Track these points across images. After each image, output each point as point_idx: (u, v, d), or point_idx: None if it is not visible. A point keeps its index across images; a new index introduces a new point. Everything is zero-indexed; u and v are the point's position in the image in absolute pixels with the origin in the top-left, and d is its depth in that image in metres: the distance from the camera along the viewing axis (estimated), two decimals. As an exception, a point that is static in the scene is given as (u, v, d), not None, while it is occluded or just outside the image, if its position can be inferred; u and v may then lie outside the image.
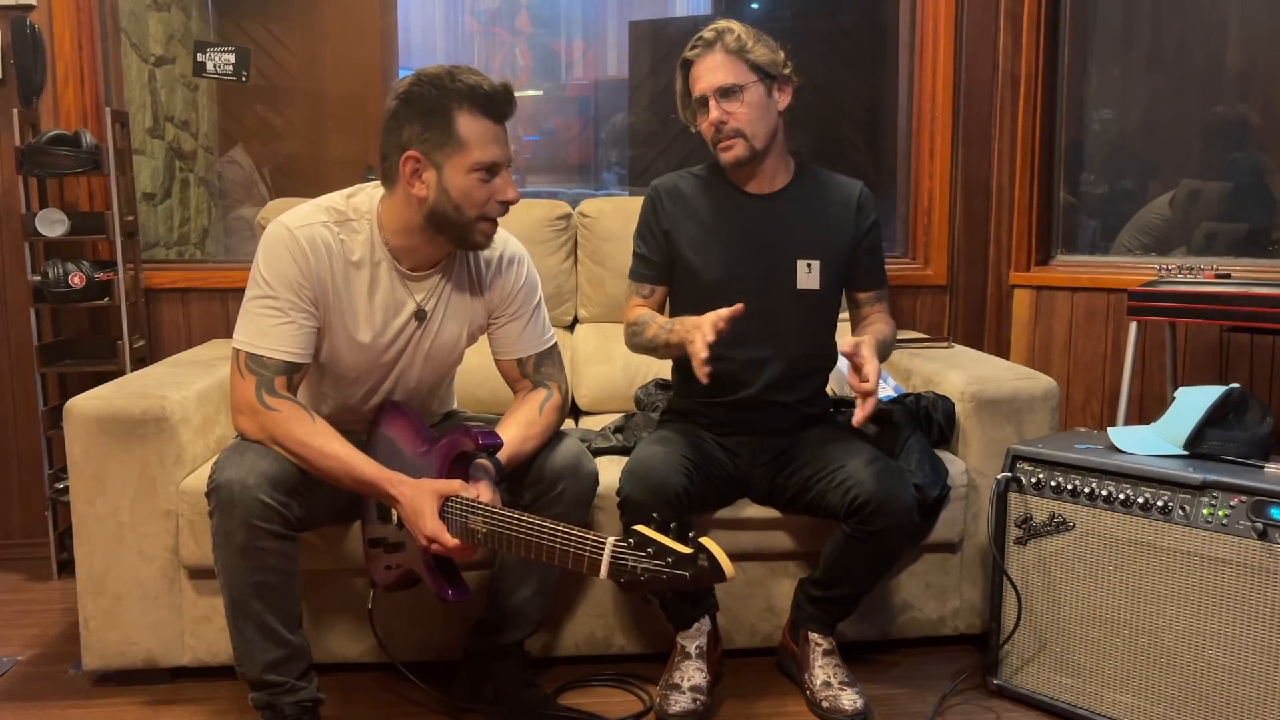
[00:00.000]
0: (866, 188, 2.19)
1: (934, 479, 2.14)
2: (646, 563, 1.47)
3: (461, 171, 1.73)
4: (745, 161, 2.05)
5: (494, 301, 1.97)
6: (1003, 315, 3.20)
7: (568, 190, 3.98)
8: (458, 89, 1.71)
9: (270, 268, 1.78)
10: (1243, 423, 1.97)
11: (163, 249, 3.40)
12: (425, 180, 1.74)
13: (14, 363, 2.94)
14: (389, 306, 1.86)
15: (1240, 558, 1.78)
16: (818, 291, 2.11)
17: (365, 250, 1.83)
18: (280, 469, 1.73)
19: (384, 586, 1.93)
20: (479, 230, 1.80)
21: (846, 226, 2.13)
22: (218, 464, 1.76)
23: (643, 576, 1.47)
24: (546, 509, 1.87)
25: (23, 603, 2.64)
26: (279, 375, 1.77)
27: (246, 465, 1.71)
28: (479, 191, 1.75)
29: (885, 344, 2.08)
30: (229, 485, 1.70)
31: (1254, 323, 2.28)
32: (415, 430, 1.88)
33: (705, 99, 2.04)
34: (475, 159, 1.73)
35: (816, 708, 2.01)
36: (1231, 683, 1.80)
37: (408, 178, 1.75)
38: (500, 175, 1.77)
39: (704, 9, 4.45)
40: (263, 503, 1.69)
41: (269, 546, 1.72)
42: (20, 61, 2.80)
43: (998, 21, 3.11)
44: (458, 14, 4.46)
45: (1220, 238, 2.82)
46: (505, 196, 1.78)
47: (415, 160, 1.73)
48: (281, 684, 1.78)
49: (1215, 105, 2.87)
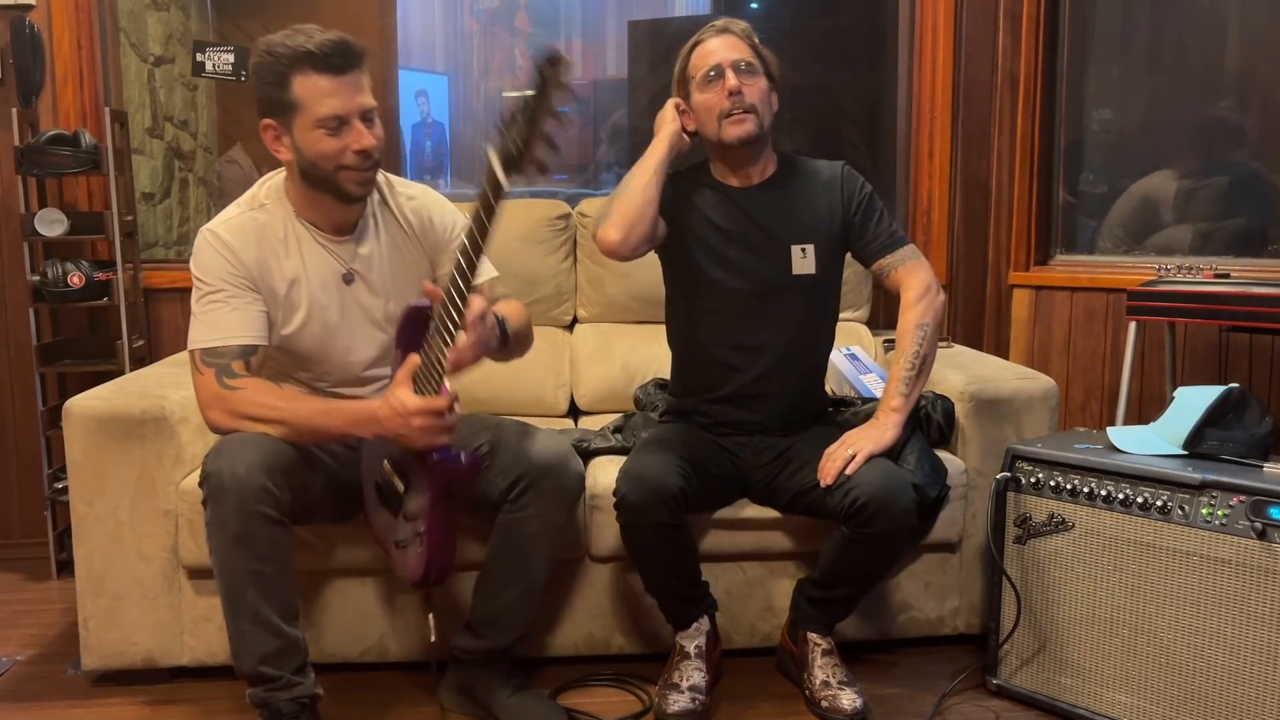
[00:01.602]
0: (848, 164, 2.17)
1: (933, 479, 2.14)
2: (519, 128, 1.53)
3: (306, 130, 1.78)
4: (752, 140, 2.04)
5: (433, 244, 2.00)
6: (1002, 315, 3.20)
7: (567, 190, 3.98)
8: (289, 53, 1.76)
9: (201, 267, 1.87)
10: (1242, 422, 1.97)
11: (162, 249, 3.40)
12: (284, 144, 1.82)
13: (13, 363, 2.94)
14: (320, 274, 1.92)
15: (1239, 557, 1.78)
16: (814, 275, 2.11)
17: (284, 226, 1.91)
18: (267, 453, 1.75)
19: (422, 580, 1.87)
20: (344, 179, 1.82)
21: (835, 205, 2.13)
22: (207, 457, 1.77)
23: (530, 142, 1.53)
24: (530, 505, 1.88)
25: (22, 603, 2.64)
26: (235, 359, 1.83)
27: (234, 453, 1.74)
28: (328, 144, 1.78)
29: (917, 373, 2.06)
30: (219, 473, 1.72)
31: (1253, 322, 2.28)
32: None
33: (720, 70, 2.02)
34: (315, 115, 1.77)
35: (816, 707, 2.01)
36: (1231, 682, 1.80)
37: (271, 144, 1.83)
38: (349, 126, 1.79)
39: (703, 9, 4.45)
40: (254, 486, 1.71)
41: (262, 534, 1.73)
42: (19, 61, 2.80)
43: (997, 21, 3.11)
44: (457, 14, 4.46)
45: (1218, 237, 2.82)
46: (359, 145, 1.79)
47: (272, 128, 1.82)
48: (277, 679, 1.77)
49: (1214, 105, 2.87)
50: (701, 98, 2.06)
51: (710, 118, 2.05)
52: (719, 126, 2.04)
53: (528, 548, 1.92)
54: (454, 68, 4.93)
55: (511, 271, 2.72)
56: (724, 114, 2.03)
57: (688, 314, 2.17)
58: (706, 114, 2.06)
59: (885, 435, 2.00)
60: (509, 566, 1.93)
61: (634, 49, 3.94)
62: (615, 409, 2.67)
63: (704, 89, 2.05)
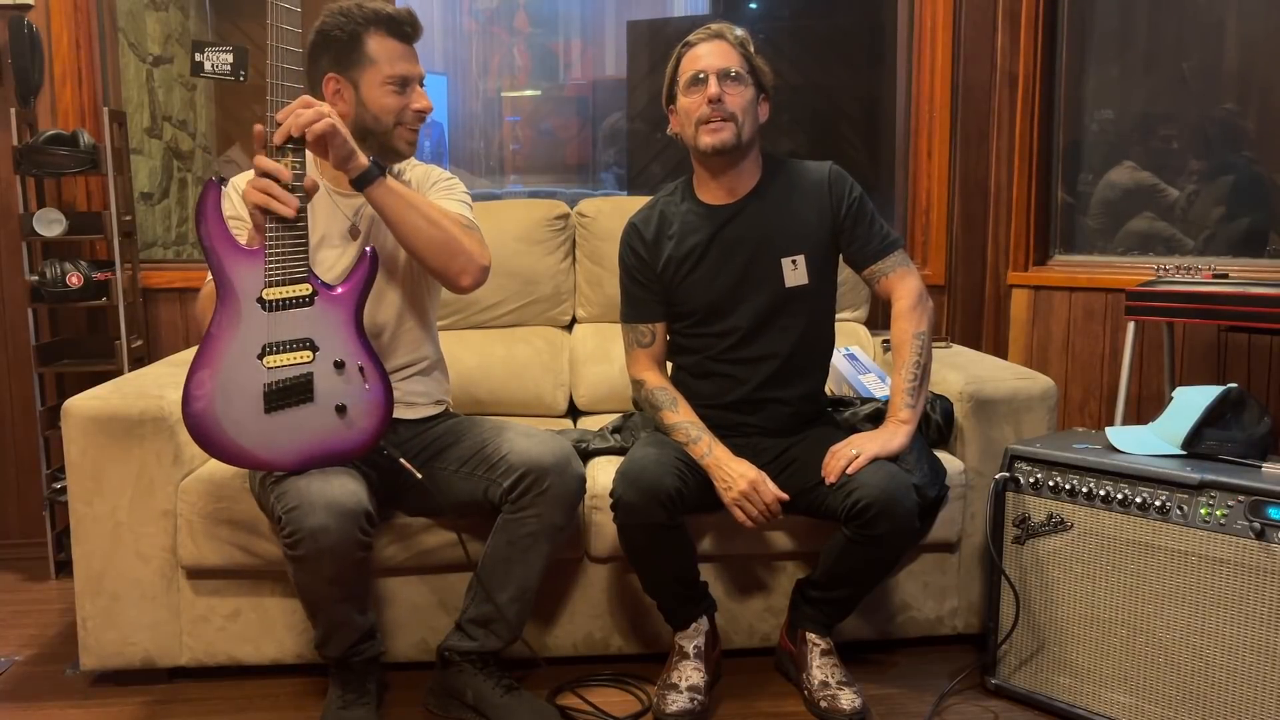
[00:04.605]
0: (836, 165, 2.15)
1: (932, 479, 2.14)
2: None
3: (375, 85, 1.92)
4: (729, 149, 2.03)
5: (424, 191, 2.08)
6: (1001, 315, 3.21)
7: (566, 190, 3.98)
8: (365, 15, 1.92)
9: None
10: (1240, 422, 1.97)
11: (160, 249, 3.40)
12: (345, 98, 1.94)
13: (12, 362, 2.94)
14: (327, 225, 1.99)
15: (1238, 557, 1.78)
16: (807, 286, 2.11)
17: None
18: (351, 490, 1.79)
19: (388, 413, 1.88)
20: (398, 136, 1.96)
21: (824, 211, 2.12)
22: (290, 511, 1.76)
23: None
24: (531, 506, 1.90)
25: (20, 603, 2.64)
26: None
27: (324, 503, 1.75)
28: (392, 100, 1.93)
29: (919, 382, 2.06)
30: (314, 536, 1.74)
31: (1252, 322, 2.28)
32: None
33: (704, 77, 2.02)
34: (386, 73, 1.92)
35: (814, 707, 2.01)
36: (1229, 682, 1.80)
37: (330, 98, 1.93)
38: (411, 87, 1.96)
39: (702, 9, 4.45)
40: (350, 541, 1.77)
41: (354, 569, 1.82)
42: (18, 61, 2.80)
43: (996, 21, 3.12)
44: (456, 14, 4.45)
45: (1218, 237, 2.82)
46: (418, 105, 1.97)
47: (335, 80, 1.93)
48: (356, 653, 1.95)
49: (1213, 105, 2.87)
50: (684, 101, 2.06)
51: (689, 122, 2.05)
52: (696, 132, 2.04)
53: (526, 548, 1.92)
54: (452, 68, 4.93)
55: (510, 271, 2.73)
56: (702, 120, 2.03)
57: (685, 337, 2.18)
58: (686, 118, 2.06)
59: (893, 442, 2.00)
60: (507, 567, 1.94)
61: (633, 49, 3.94)
62: (614, 409, 2.67)
63: (687, 93, 2.05)
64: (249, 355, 1.78)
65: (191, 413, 1.78)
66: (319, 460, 1.83)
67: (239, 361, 1.78)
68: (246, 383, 1.78)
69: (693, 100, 2.04)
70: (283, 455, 1.82)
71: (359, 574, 1.86)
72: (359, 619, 1.92)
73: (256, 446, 1.80)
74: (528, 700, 1.98)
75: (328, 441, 1.84)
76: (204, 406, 1.77)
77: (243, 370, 1.78)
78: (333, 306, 1.83)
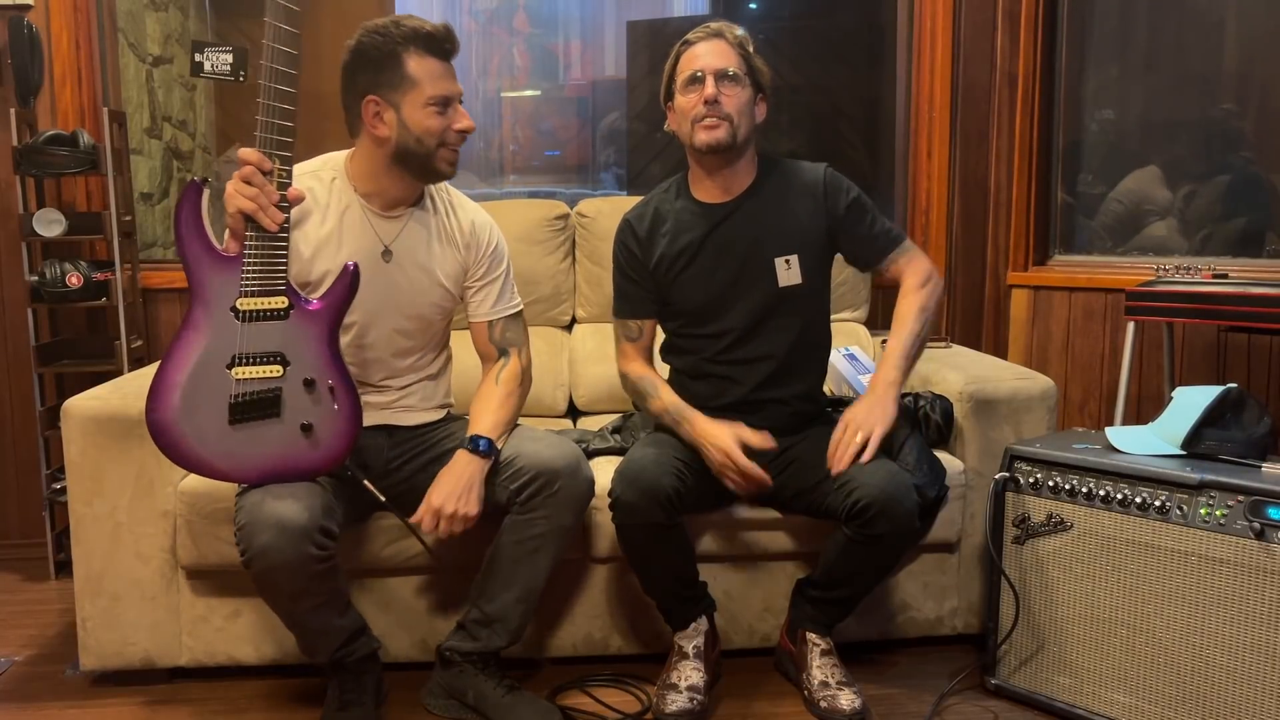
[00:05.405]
0: (831, 168, 2.15)
1: (932, 479, 2.14)
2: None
3: (418, 107, 1.86)
4: (724, 148, 2.03)
5: (472, 260, 2.05)
6: (1000, 315, 3.21)
7: (565, 190, 3.98)
8: (403, 33, 1.85)
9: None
10: (1240, 422, 1.97)
11: (160, 249, 3.40)
12: (386, 120, 1.87)
13: (11, 363, 2.94)
14: (357, 244, 1.93)
15: (1237, 557, 1.78)
16: (801, 285, 2.11)
17: (333, 195, 1.93)
18: (302, 507, 1.73)
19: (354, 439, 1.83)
20: (440, 158, 1.91)
21: (818, 211, 2.12)
22: (240, 528, 1.74)
23: None
24: (540, 507, 1.90)
25: (20, 603, 2.64)
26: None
27: (271, 521, 1.71)
28: (435, 122, 1.88)
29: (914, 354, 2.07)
30: (262, 554, 1.71)
31: (1251, 323, 2.28)
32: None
33: (701, 76, 2.03)
34: (429, 94, 1.86)
35: (814, 707, 2.01)
36: (1228, 682, 1.80)
37: (370, 120, 1.87)
38: (453, 107, 1.90)
39: (702, 9, 4.45)
40: (303, 556, 1.73)
41: (316, 581, 1.79)
42: (18, 61, 2.80)
43: (995, 21, 3.12)
44: (455, 14, 4.45)
45: (1217, 237, 2.82)
46: (461, 125, 1.91)
47: (375, 103, 1.87)
48: (347, 652, 1.93)
49: (1213, 106, 2.87)
50: (681, 99, 2.07)
51: (685, 120, 2.06)
52: (691, 129, 2.05)
53: (534, 550, 1.92)
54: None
55: (510, 271, 2.72)
56: (697, 118, 2.03)
57: (680, 339, 2.18)
58: (683, 116, 2.07)
59: (889, 410, 1.99)
60: (513, 567, 1.94)
61: (633, 49, 3.94)
62: (614, 409, 2.67)
63: (685, 91, 2.06)
64: (218, 364, 1.74)
65: (154, 419, 1.74)
66: (280, 476, 1.79)
67: (207, 369, 1.74)
68: (212, 392, 1.74)
69: (689, 99, 2.04)
70: (243, 468, 1.78)
71: (324, 583, 1.81)
72: (339, 621, 1.90)
73: (216, 456, 1.76)
74: (529, 700, 1.98)
75: (290, 459, 1.79)
76: (167, 413, 1.74)
77: (210, 378, 1.74)
78: (307, 322, 1.78)
